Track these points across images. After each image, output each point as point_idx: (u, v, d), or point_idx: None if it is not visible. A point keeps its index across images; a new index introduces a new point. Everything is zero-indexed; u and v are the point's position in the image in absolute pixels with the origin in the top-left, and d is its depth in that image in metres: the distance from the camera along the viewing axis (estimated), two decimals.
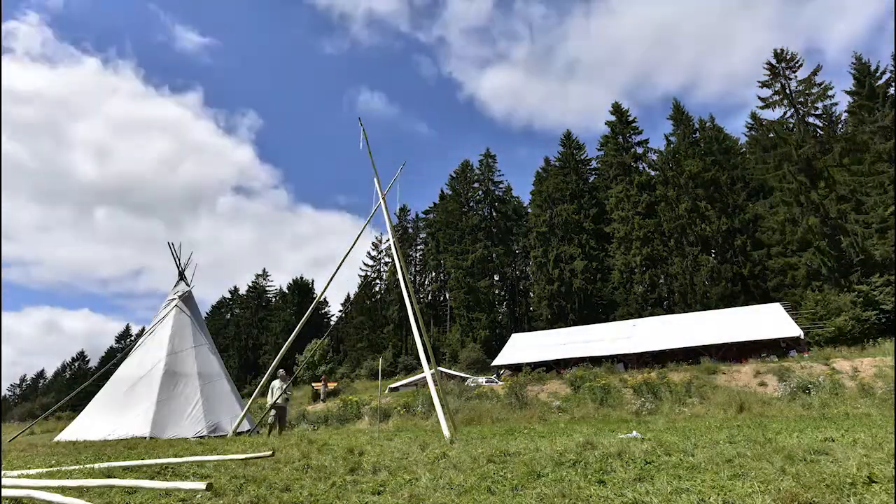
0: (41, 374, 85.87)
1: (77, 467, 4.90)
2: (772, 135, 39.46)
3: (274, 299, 74.43)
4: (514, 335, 38.96)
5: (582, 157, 54.20)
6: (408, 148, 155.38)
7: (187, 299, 15.64)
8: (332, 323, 71.54)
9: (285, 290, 71.19)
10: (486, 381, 27.36)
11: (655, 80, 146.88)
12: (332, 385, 33.63)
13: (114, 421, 12.34)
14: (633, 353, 29.34)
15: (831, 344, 26.83)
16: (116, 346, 72.66)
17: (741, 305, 33.59)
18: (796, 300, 32.49)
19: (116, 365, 14.68)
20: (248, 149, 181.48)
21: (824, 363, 19.20)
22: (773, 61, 40.99)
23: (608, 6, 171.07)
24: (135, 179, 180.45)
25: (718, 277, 37.79)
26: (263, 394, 14.18)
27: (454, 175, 61.96)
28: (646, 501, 3.33)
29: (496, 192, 61.28)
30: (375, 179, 13.72)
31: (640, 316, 37.56)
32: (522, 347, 34.86)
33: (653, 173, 45.87)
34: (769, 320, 27.72)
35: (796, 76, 40.48)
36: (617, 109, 49.90)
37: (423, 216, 65.72)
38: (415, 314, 11.23)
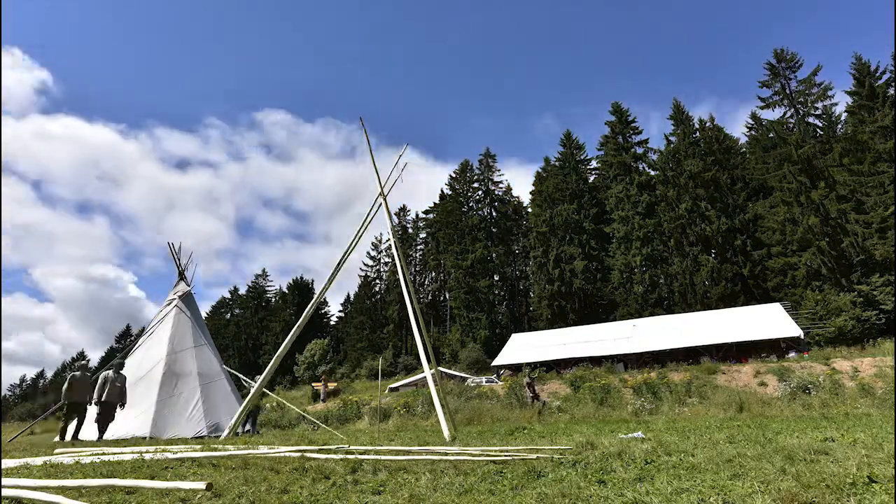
0: (41, 374, 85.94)
1: (77, 466, 4.90)
2: (772, 135, 39.48)
3: (274, 299, 74.46)
4: (514, 335, 38.98)
5: (582, 157, 54.23)
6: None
7: (187, 299, 15.64)
8: (331, 323, 71.64)
9: (285, 290, 71.23)
10: (486, 381, 27.37)
11: None
12: (332, 385, 33.65)
13: (114, 421, 12.33)
14: (633, 353, 29.35)
15: (831, 344, 26.87)
16: (116, 346, 72.64)
17: (741, 305, 33.62)
18: (796, 300, 32.50)
19: None
20: None
21: (824, 363, 19.22)
22: (774, 61, 41.02)
23: None
24: None
25: (718, 277, 37.79)
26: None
27: (454, 175, 62.02)
28: (646, 501, 3.33)
29: (496, 192, 61.32)
30: (376, 178, 13.70)
31: (640, 316, 37.57)
32: (522, 347, 34.87)
33: (653, 173, 45.88)
34: (769, 320, 27.73)
35: (796, 76, 40.53)
36: (617, 109, 49.88)
37: (423, 216, 65.77)
38: (415, 314, 11.22)
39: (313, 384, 35.17)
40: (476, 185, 61.16)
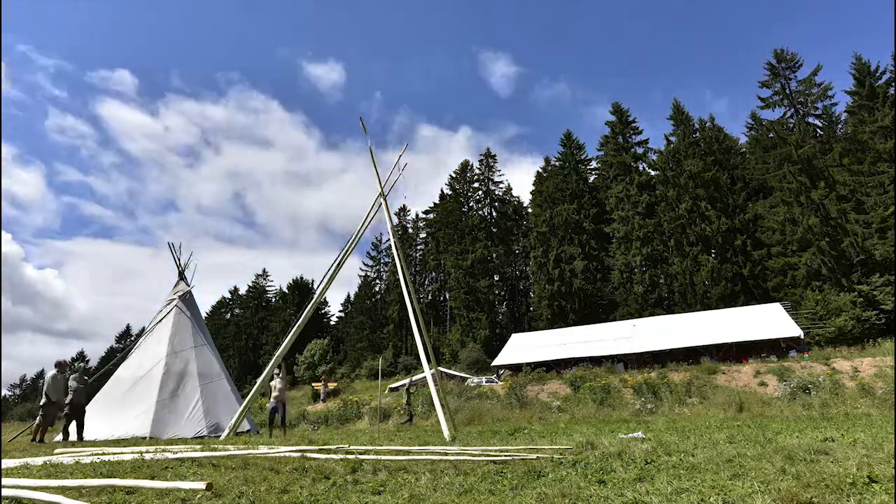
0: (41, 374, 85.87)
1: (77, 466, 4.90)
2: (772, 135, 39.47)
3: (274, 299, 74.43)
4: (514, 335, 38.95)
5: (582, 157, 54.21)
6: None
7: (187, 299, 15.64)
8: (331, 323, 71.62)
9: (285, 290, 71.20)
10: (486, 381, 27.36)
11: None
12: (332, 385, 33.66)
13: (114, 421, 12.34)
14: (633, 353, 29.33)
15: (831, 344, 26.86)
16: (116, 346, 72.63)
17: (741, 305, 33.60)
18: (796, 300, 32.48)
19: (116, 365, 14.68)
20: None
21: (824, 363, 19.21)
22: (774, 61, 41.02)
23: None
24: None
25: (718, 277, 37.78)
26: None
27: (454, 175, 61.99)
28: (646, 501, 3.33)
29: (496, 192, 61.31)
30: (377, 178, 13.71)
31: (640, 316, 37.55)
32: (522, 347, 34.85)
33: (653, 173, 45.85)
34: (769, 320, 27.71)
35: (796, 76, 40.52)
36: (617, 109, 49.84)
37: (423, 216, 65.74)
38: (415, 314, 11.24)
39: (313, 384, 35.16)
40: (476, 185, 61.16)
